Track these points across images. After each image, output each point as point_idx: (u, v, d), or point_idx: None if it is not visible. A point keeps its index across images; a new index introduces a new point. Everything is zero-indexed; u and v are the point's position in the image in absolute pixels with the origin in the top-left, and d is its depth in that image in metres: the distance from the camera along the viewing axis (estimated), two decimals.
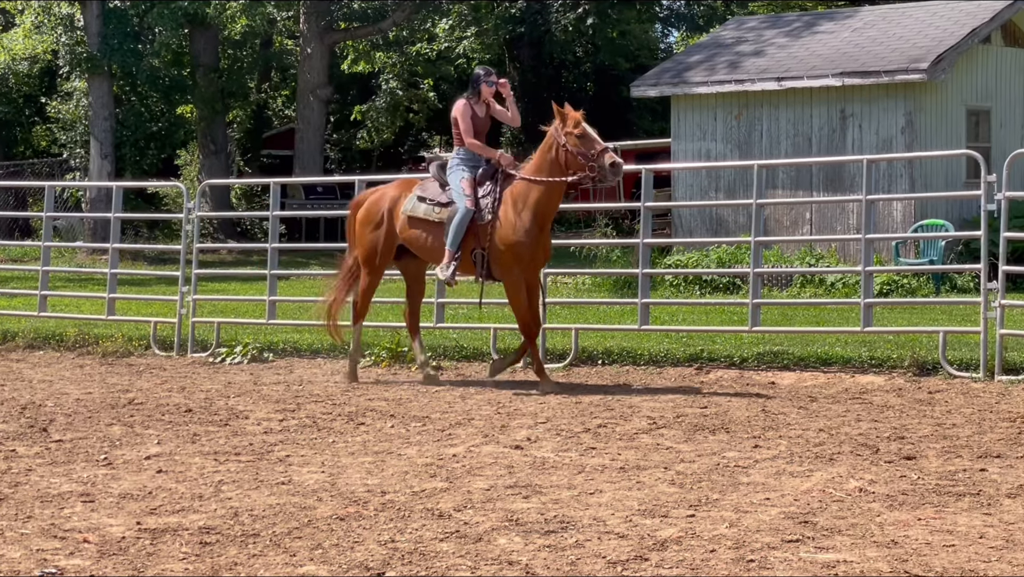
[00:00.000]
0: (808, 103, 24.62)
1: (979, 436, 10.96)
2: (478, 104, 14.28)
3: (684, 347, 15.95)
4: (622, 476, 9.62)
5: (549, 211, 14.00)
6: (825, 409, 12.53)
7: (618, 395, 13.64)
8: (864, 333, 15.08)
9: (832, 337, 15.89)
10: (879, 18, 27.06)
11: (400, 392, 14.14)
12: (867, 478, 9.40)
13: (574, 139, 13.49)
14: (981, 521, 8.12)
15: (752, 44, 27.16)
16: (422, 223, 14.14)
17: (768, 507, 8.55)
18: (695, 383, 14.51)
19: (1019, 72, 25.67)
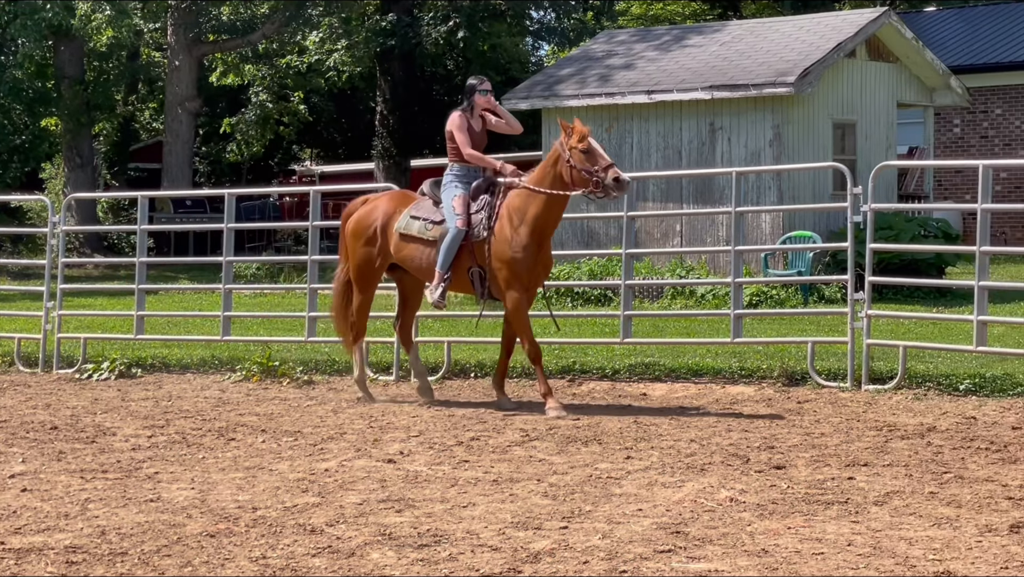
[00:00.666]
0: (678, 116, 24.82)
1: (847, 445, 11.10)
2: (473, 117, 13.87)
3: (556, 359, 15.98)
4: (495, 489, 9.62)
5: (548, 226, 13.45)
6: (696, 420, 12.62)
7: (491, 408, 13.64)
8: (734, 344, 15.23)
9: (703, 348, 16.02)
10: (747, 32, 27.35)
11: (271, 407, 14.03)
12: (738, 488, 9.49)
13: (579, 154, 13.00)
14: (849, 529, 8.23)
15: (622, 57, 27.31)
16: (415, 241, 13.66)
17: (640, 518, 8.60)
18: (567, 395, 14.55)
19: (883, 86, 26.07)
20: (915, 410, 12.87)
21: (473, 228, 13.31)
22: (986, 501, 8.91)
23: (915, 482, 9.58)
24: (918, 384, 13.91)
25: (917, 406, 13.11)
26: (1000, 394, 13.36)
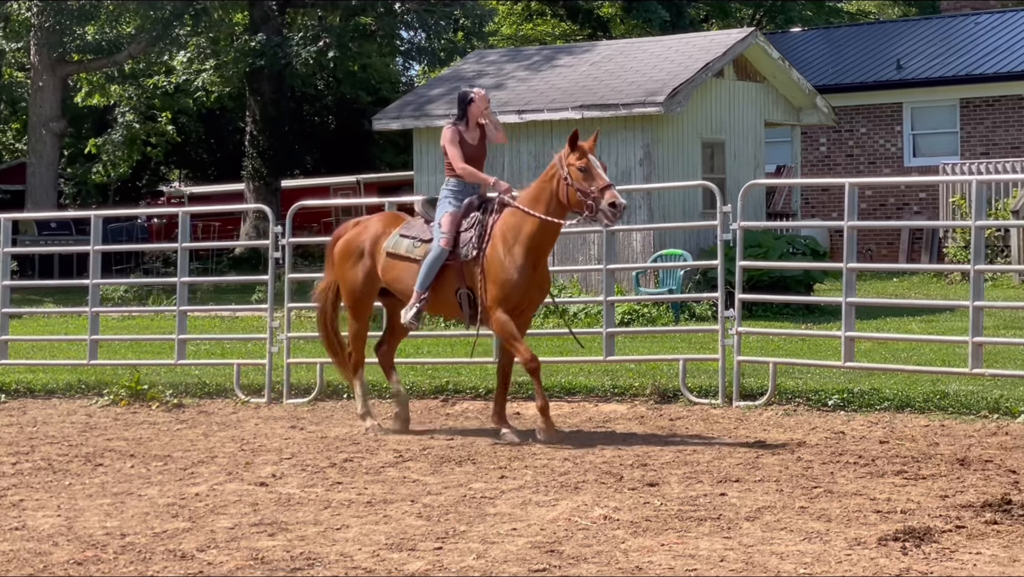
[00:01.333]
0: (549, 135, 24.88)
1: (719, 461, 11.19)
2: (468, 130, 12.89)
3: (430, 379, 15.97)
4: (369, 510, 9.58)
5: (544, 246, 12.58)
6: (569, 438, 12.64)
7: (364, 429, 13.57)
8: (607, 362, 15.29)
9: (575, 367, 16.08)
10: (617, 52, 27.53)
11: (140, 431, 13.84)
12: (611, 505, 9.52)
13: (576, 172, 12.07)
14: (722, 545, 8.29)
15: (493, 77, 27.38)
16: (403, 261, 12.84)
17: (515, 537, 8.59)
18: (441, 415, 14.53)
19: (751, 105, 26.38)
20: (785, 426, 13.00)
21: (461, 247, 12.53)
22: (855, 515, 9.01)
23: (786, 497, 9.67)
24: (788, 400, 14.07)
25: (787, 422, 13.24)
26: (867, 409, 13.54)
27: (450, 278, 12.60)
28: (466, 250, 12.51)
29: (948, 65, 34.48)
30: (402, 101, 28.74)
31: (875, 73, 35.28)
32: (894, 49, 36.45)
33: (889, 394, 13.75)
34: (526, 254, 12.35)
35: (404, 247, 12.87)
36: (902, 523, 8.64)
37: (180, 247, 16.88)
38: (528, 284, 12.47)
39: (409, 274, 12.75)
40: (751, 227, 15.53)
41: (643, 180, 23.56)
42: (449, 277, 12.60)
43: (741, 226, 14.49)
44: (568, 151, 12.20)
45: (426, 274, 12.53)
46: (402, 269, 12.85)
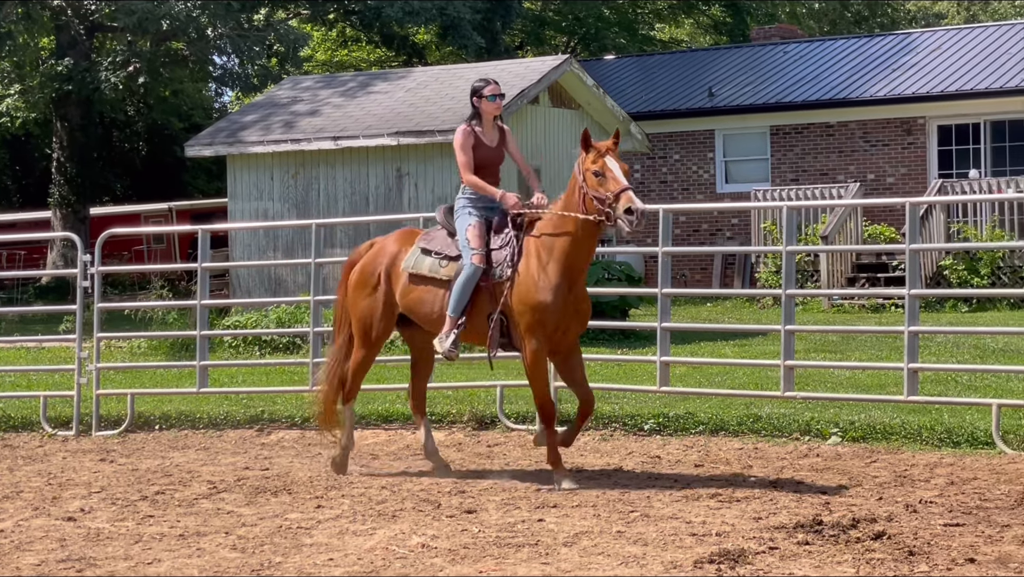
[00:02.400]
0: (365, 162, 24.85)
1: (536, 487, 11.22)
2: (484, 129, 11.68)
3: (245, 409, 15.80)
4: (181, 544, 9.42)
5: (580, 261, 11.15)
6: (387, 466, 12.61)
7: (177, 461, 13.37)
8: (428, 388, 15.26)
9: (393, 394, 16.02)
10: (432, 79, 27.62)
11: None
12: (429, 533, 9.50)
13: (591, 177, 10.82)
14: (539, 571, 8.31)
15: (308, 104, 27.30)
16: (426, 282, 11.45)
17: (332, 567, 8.53)
18: (256, 444, 14.38)
19: (566, 130, 26.63)
20: (602, 451, 13.09)
21: (495, 266, 11.18)
22: (671, 538, 9.10)
23: (603, 522, 9.72)
24: (604, 425, 14.17)
25: (604, 447, 13.33)
26: (683, 433, 13.69)
27: (482, 300, 11.26)
28: (500, 269, 11.17)
29: (758, 93, 35.11)
30: (215, 127, 28.48)
31: (688, 101, 35.80)
32: (706, 77, 37.02)
33: (704, 418, 13.92)
34: (562, 272, 11.01)
35: (427, 266, 11.51)
36: (717, 545, 8.74)
37: None
38: (563, 305, 11.04)
39: (433, 297, 11.45)
40: None
41: None
42: (481, 299, 11.26)
43: None
44: (583, 153, 11.00)
45: (459, 297, 11.18)
46: (424, 291, 11.52)
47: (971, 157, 31.97)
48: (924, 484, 10.90)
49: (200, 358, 15.75)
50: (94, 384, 15.61)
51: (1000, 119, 31.97)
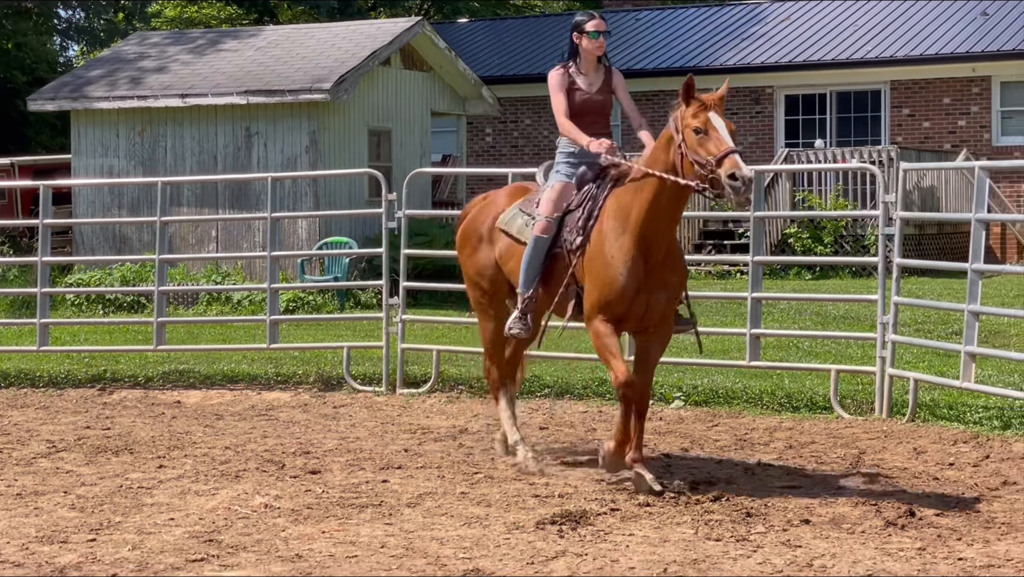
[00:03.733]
0: (213, 121, 24.62)
1: (381, 448, 11.22)
2: (583, 72, 9.98)
3: (87, 368, 15.62)
4: (19, 503, 9.29)
5: (661, 231, 9.32)
6: (231, 426, 12.52)
7: (15, 420, 13.16)
8: (270, 350, 15.23)
9: (239, 354, 15.94)
10: (283, 38, 27.38)
11: None
12: (273, 493, 9.46)
13: (691, 134, 9.00)
14: (383, 531, 8.32)
15: (155, 60, 26.92)
16: (516, 243, 9.99)
17: (173, 527, 8.47)
18: (98, 404, 14.19)
19: (417, 94, 26.58)
20: (448, 412, 13.12)
21: (565, 231, 9.65)
22: (514, 500, 9.15)
23: (447, 483, 9.75)
24: (451, 387, 14.21)
25: (450, 408, 13.37)
26: (529, 395, 13.74)
27: (558, 268, 9.71)
28: (571, 236, 9.59)
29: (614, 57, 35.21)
30: (59, 82, 28.00)
31: (540, 65, 35.79)
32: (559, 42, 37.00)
33: (550, 381, 14.01)
34: (636, 243, 9.24)
35: (516, 226, 10.03)
36: (559, 507, 8.81)
37: None
38: (637, 283, 9.27)
39: (518, 262, 9.95)
40: (416, 215, 15.65)
41: (309, 167, 23.51)
42: (558, 266, 9.72)
43: (406, 214, 14.58)
44: (683, 106, 9.22)
45: (526, 270, 9.76)
46: (513, 253, 10.06)
47: (817, 127, 32.47)
48: (763, 448, 11.07)
49: (41, 316, 15.54)
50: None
51: (846, 90, 32.50)
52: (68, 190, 26.67)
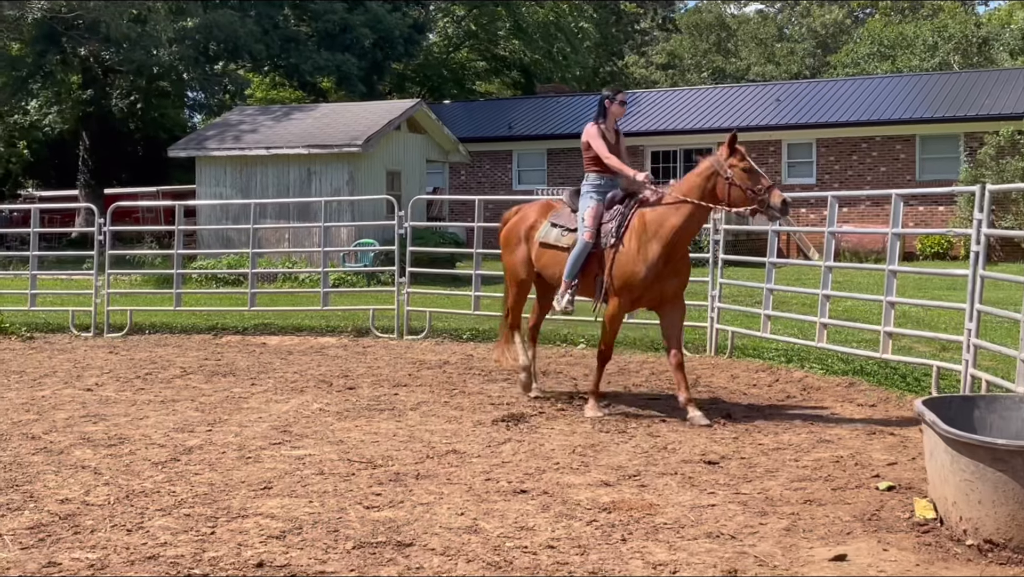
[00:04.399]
0: (287, 164, 24.46)
1: (393, 373, 11.24)
2: (608, 129, 9.38)
3: (205, 321, 15.55)
4: (163, 407, 9.27)
5: (683, 240, 8.86)
6: (298, 359, 12.51)
7: (160, 354, 13.09)
8: (323, 311, 15.18)
9: (303, 314, 15.88)
10: (331, 111, 27.22)
11: (3, 355, 13.02)
12: (324, 401, 9.47)
13: (740, 172, 8.66)
14: (395, 425, 8.35)
15: (250, 124, 26.72)
16: (551, 249, 9.47)
17: (260, 423, 8.47)
18: (212, 345, 14.14)
19: (418, 149, 26.51)
20: (436, 351, 13.14)
21: (602, 237, 9.11)
22: (478, 405, 9.20)
23: (435, 395, 9.79)
24: (438, 335, 14.22)
25: (438, 348, 13.39)
26: (488, 340, 13.78)
27: (592, 265, 9.19)
28: (606, 240, 9.07)
29: (542, 127, 35.31)
30: (188, 138, 27.75)
31: (496, 131, 35.84)
32: (508, 116, 37.08)
33: None
34: (662, 248, 8.73)
35: (553, 236, 9.49)
36: (507, 411, 8.87)
37: (32, 231, 16.03)
38: (654, 278, 8.77)
39: (556, 261, 9.41)
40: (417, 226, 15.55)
41: (348, 194, 23.42)
42: (592, 264, 9.20)
43: (410, 225, 14.59)
44: (727, 154, 8.77)
45: (572, 265, 9.19)
46: (551, 256, 9.48)
47: (673, 172, 32.57)
48: (635, 374, 11.15)
49: (176, 287, 15.47)
50: (105, 303, 15.22)
51: (689, 148, 32.62)
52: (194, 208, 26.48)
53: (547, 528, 5.49)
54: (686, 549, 5.18)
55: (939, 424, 5.49)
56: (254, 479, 6.53)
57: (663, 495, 6.16)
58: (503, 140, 35.23)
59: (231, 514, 5.75)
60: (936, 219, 29.44)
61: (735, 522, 5.63)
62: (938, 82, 33.37)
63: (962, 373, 8.73)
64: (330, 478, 6.56)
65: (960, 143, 29.80)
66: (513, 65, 52.65)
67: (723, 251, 12.53)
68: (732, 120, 32.39)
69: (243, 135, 25.89)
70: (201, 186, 25.56)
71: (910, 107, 31.11)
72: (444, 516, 5.70)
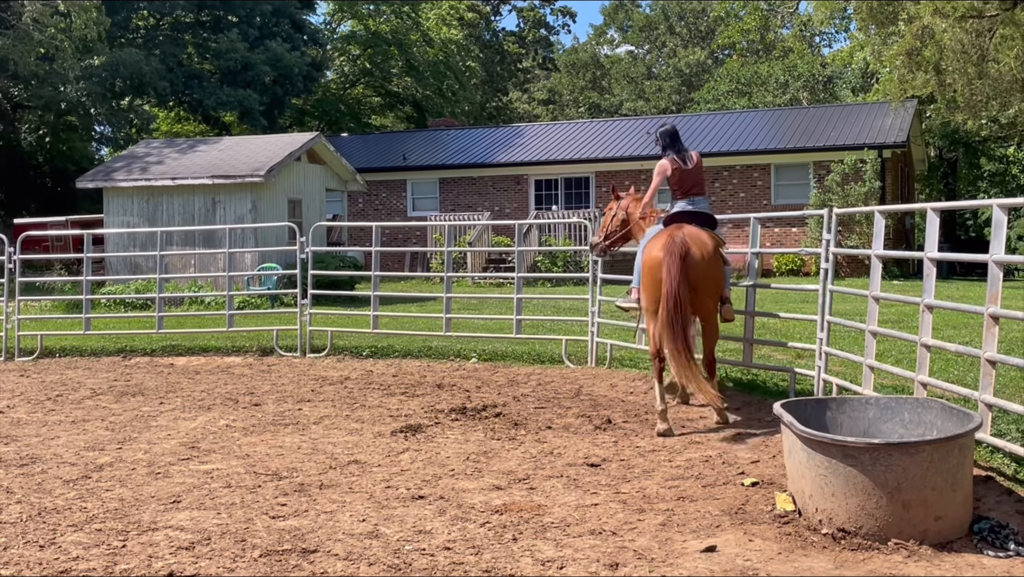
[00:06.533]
0: (192, 194, 23.94)
1: (297, 389, 11.08)
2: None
3: (114, 343, 15.09)
4: (74, 427, 8.97)
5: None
6: (205, 378, 12.24)
7: (70, 376, 12.66)
8: (229, 332, 14.87)
9: (209, 335, 15.54)
10: (235, 143, 26.76)
11: None
12: (231, 418, 9.28)
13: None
14: (299, 439, 8.22)
15: (156, 156, 26.09)
16: None
17: (169, 440, 8.25)
18: (121, 366, 13.74)
19: (317, 178, 26.22)
20: (338, 368, 13.00)
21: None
22: (378, 418, 9.12)
23: (338, 409, 9.68)
24: (339, 353, 14.07)
25: (339, 365, 13.24)
26: (385, 356, 13.71)
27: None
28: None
29: (432, 158, 35.29)
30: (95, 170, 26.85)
31: (391, 161, 35.68)
32: (402, 148, 36.96)
33: (399, 348, 13.97)
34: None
35: None
36: (405, 422, 8.81)
37: None
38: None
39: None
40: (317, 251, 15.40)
41: (252, 221, 23.01)
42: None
43: (311, 250, 14.42)
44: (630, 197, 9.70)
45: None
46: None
47: (554, 199, 32.85)
48: (523, 385, 11.19)
49: (85, 312, 14.99)
50: (16, 328, 14.67)
51: (569, 177, 32.95)
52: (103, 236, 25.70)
53: (444, 531, 5.47)
54: (572, 546, 5.21)
55: (796, 425, 5.64)
56: (164, 493, 6.36)
57: (550, 496, 6.19)
58: (398, 170, 35.11)
59: (141, 527, 5.59)
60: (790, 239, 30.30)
61: (616, 519, 5.69)
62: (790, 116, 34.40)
63: (815, 378, 8.99)
64: (237, 490, 6.42)
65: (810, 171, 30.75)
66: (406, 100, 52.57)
67: (601, 270, 12.67)
68: (607, 151, 32.88)
69: (150, 166, 25.28)
70: (109, 215, 24.85)
71: (765, 138, 32.00)
72: (347, 523, 5.64)
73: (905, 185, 33.39)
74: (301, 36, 42.48)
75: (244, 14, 39.82)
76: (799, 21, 50.67)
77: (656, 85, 71.05)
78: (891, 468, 5.20)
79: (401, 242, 34.03)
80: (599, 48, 79.61)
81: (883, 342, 11.51)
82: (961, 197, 42.13)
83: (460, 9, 53.28)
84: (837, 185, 29.35)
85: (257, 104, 38.51)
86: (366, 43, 49.11)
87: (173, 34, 40.01)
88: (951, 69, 24.98)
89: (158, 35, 40.00)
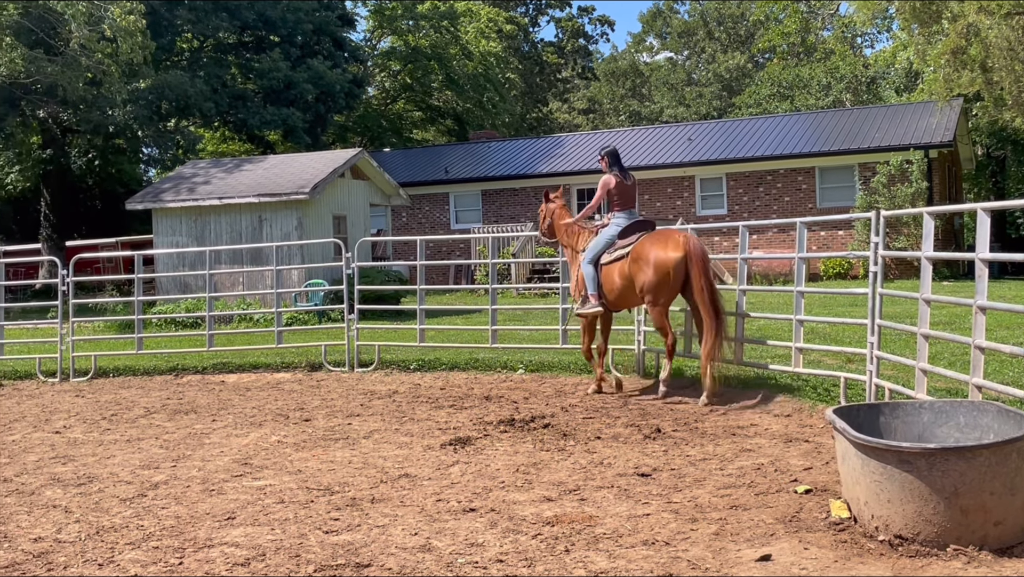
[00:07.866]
0: (239, 212, 24.21)
1: (347, 404, 11.14)
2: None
3: (166, 362, 15.28)
4: (129, 445, 9.09)
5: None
6: (255, 395, 12.35)
7: (124, 395, 12.85)
8: (278, 348, 15.01)
9: (259, 352, 15.68)
10: (280, 162, 27.05)
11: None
12: (282, 434, 9.35)
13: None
14: (350, 453, 8.27)
15: (203, 176, 26.44)
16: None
17: (222, 457, 8.34)
18: (173, 384, 13.91)
19: (361, 194, 26.42)
20: (386, 382, 13.05)
21: None
22: (427, 431, 9.15)
23: (387, 423, 9.72)
24: (387, 367, 14.13)
25: (387, 379, 13.30)
26: (432, 370, 13.74)
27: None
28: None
29: (475, 171, 35.41)
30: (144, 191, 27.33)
31: (433, 175, 35.87)
32: (444, 161, 37.15)
33: (445, 360, 14.00)
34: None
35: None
36: (454, 435, 8.83)
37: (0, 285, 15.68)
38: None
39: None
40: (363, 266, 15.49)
41: (298, 238, 23.22)
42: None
43: (357, 266, 14.52)
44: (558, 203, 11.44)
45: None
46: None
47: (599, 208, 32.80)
48: (571, 395, 11.16)
49: (137, 332, 15.20)
50: (71, 349, 14.91)
51: None
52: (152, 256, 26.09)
53: (496, 543, 5.47)
54: (624, 556, 5.18)
55: (849, 431, 5.57)
56: (218, 510, 6.42)
57: (601, 507, 6.17)
58: (440, 183, 35.27)
59: (197, 544, 5.65)
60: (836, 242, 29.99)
61: (668, 529, 5.65)
62: (833, 118, 34.08)
63: (867, 382, 8.88)
64: (290, 506, 6.47)
65: (855, 173, 30.43)
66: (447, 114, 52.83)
67: None
68: (649, 158, 32.78)
69: (197, 186, 25.62)
70: (158, 236, 25.21)
71: (809, 141, 31.73)
72: (399, 537, 5.65)
73: (953, 185, 32.92)
74: (342, 53, 42.85)
75: (286, 33, 40.25)
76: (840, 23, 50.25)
77: (696, 91, 70.75)
78: (948, 473, 5.12)
79: (445, 255, 34.16)
80: (638, 56, 79.45)
81: (935, 344, 11.35)
82: (1011, 196, 41.45)
83: (499, 22, 53.47)
84: (883, 187, 29.01)
85: (300, 122, 38.89)
86: (406, 58, 49.43)
87: (217, 55, 40.55)
88: (998, 67, 24.63)
89: (202, 57, 40.58)
